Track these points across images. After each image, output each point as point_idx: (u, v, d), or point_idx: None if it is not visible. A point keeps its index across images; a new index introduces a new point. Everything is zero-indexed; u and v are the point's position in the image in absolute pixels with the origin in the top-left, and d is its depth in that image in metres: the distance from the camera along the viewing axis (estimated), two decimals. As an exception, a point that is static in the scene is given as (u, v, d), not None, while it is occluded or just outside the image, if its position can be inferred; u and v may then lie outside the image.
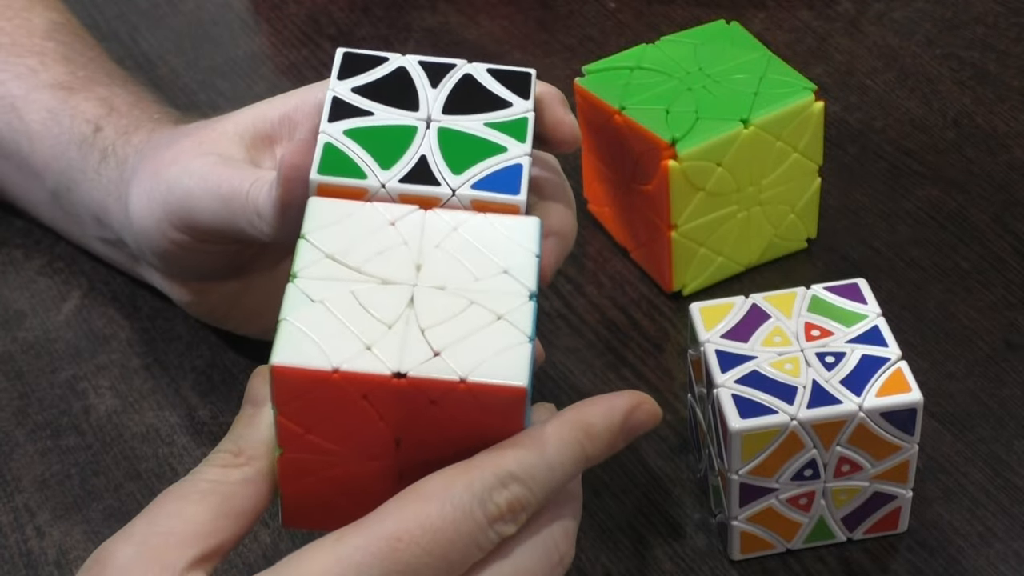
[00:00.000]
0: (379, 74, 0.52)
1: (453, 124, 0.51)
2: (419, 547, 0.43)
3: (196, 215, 0.56)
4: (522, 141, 0.50)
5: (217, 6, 0.87)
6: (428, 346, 0.44)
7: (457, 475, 0.44)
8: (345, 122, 0.51)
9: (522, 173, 0.50)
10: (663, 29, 0.76)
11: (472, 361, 0.44)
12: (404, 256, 0.47)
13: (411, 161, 0.50)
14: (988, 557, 0.55)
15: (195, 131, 0.59)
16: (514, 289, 0.46)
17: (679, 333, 0.65)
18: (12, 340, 0.67)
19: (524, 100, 0.52)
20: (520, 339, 0.45)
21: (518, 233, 0.48)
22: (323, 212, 0.48)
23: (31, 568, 0.58)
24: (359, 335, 0.45)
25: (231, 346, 0.65)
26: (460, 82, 0.52)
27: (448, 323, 0.45)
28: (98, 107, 0.65)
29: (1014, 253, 0.67)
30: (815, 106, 0.63)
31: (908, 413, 0.52)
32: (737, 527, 0.55)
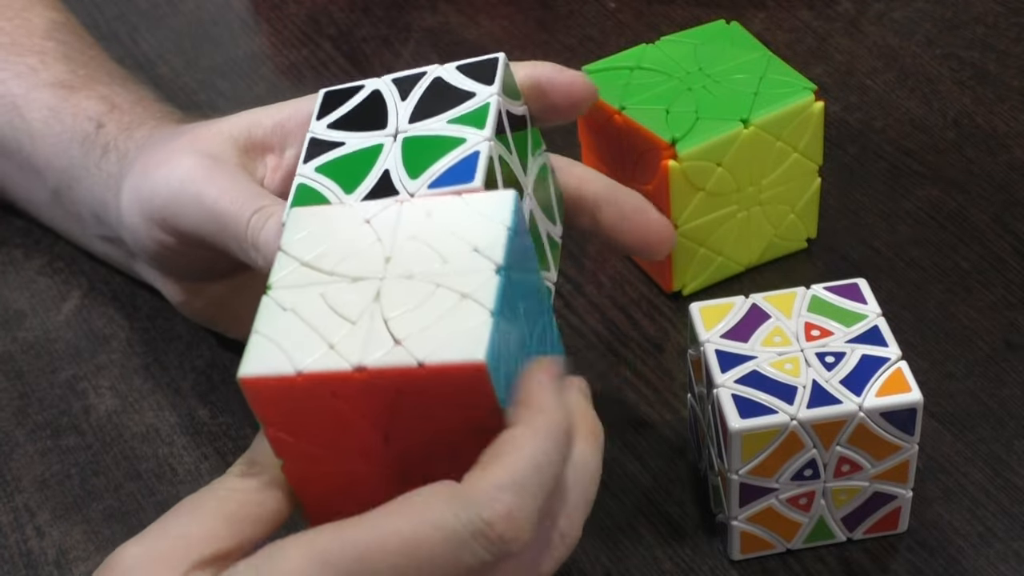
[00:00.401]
0: (354, 103, 0.54)
1: (417, 131, 0.52)
2: (390, 564, 0.42)
3: (181, 220, 0.56)
4: (481, 127, 0.50)
5: (217, 6, 0.87)
6: (390, 336, 0.44)
7: (441, 492, 0.43)
8: (318, 159, 0.52)
9: (478, 160, 0.49)
10: (663, 29, 0.76)
11: (432, 344, 0.44)
12: (376, 251, 0.47)
13: (374, 179, 0.50)
14: (988, 557, 0.55)
15: (191, 130, 0.59)
16: (481, 266, 0.46)
17: (679, 333, 0.65)
18: (12, 340, 0.67)
19: (488, 86, 0.52)
20: (482, 315, 0.44)
21: (492, 208, 0.47)
22: (302, 222, 0.48)
23: (31, 568, 0.58)
24: (324, 335, 0.45)
25: (231, 346, 0.65)
26: (429, 88, 0.53)
27: (413, 311, 0.45)
28: (100, 104, 0.65)
29: (1014, 253, 0.67)
30: (815, 106, 0.63)
31: (908, 413, 0.52)
32: (737, 527, 0.55)
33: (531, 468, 0.43)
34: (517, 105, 0.54)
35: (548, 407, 0.45)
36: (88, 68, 0.68)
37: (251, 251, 0.53)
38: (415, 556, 0.42)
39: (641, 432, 0.61)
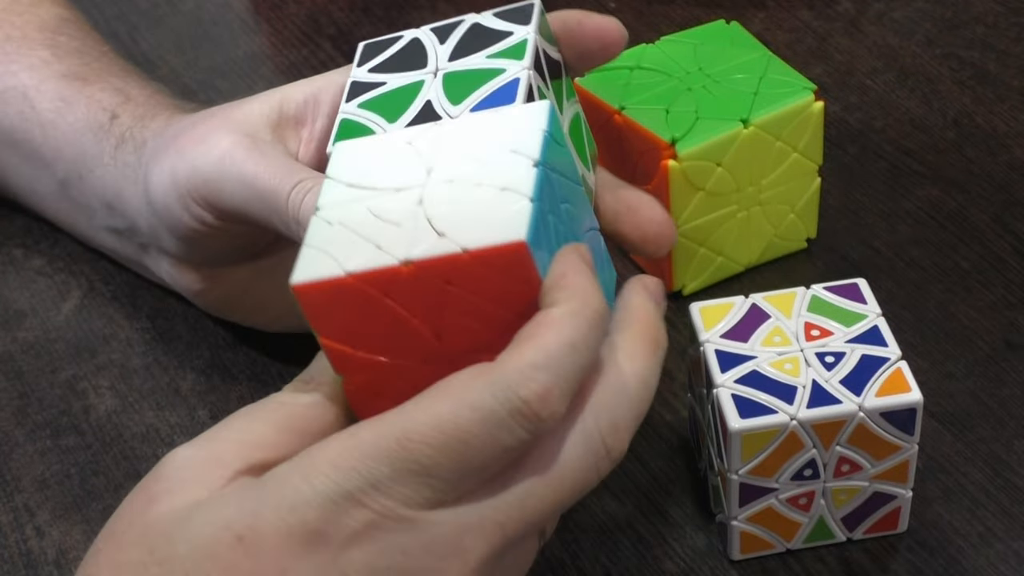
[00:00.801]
0: (394, 50, 0.55)
1: (457, 67, 0.53)
2: (430, 447, 0.42)
3: (223, 196, 0.56)
4: (520, 59, 0.52)
5: (217, 6, 0.87)
6: (433, 231, 0.45)
7: (478, 374, 0.43)
8: (360, 98, 0.54)
9: (519, 85, 0.51)
10: (663, 29, 0.76)
11: (475, 232, 0.44)
12: (417, 165, 0.48)
13: (416, 109, 0.52)
14: (988, 557, 0.55)
15: (220, 111, 0.59)
16: (519, 163, 0.46)
17: (679, 333, 0.65)
18: (12, 340, 0.67)
19: (524, 26, 0.54)
20: (521, 202, 0.45)
21: (529, 117, 0.48)
22: (346, 152, 0.49)
23: (31, 568, 0.58)
24: (371, 239, 0.45)
25: (231, 346, 0.65)
26: (467, 31, 0.55)
27: (455, 207, 0.45)
28: (114, 96, 0.65)
29: (1014, 253, 0.67)
30: (815, 106, 0.63)
31: (908, 413, 0.52)
32: (737, 527, 0.55)
33: (565, 347, 0.43)
34: (553, 50, 0.55)
35: (581, 288, 0.44)
36: (101, 62, 0.68)
37: (292, 224, 0.54)
38: (454, 437, 0.42)
39: (641, 432, 0.60)
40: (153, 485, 0.45)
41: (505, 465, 0.43)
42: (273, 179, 0.54)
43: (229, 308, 0.64)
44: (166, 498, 0.44)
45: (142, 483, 0.46)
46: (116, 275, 0.69)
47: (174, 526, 0.43)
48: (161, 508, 0.44)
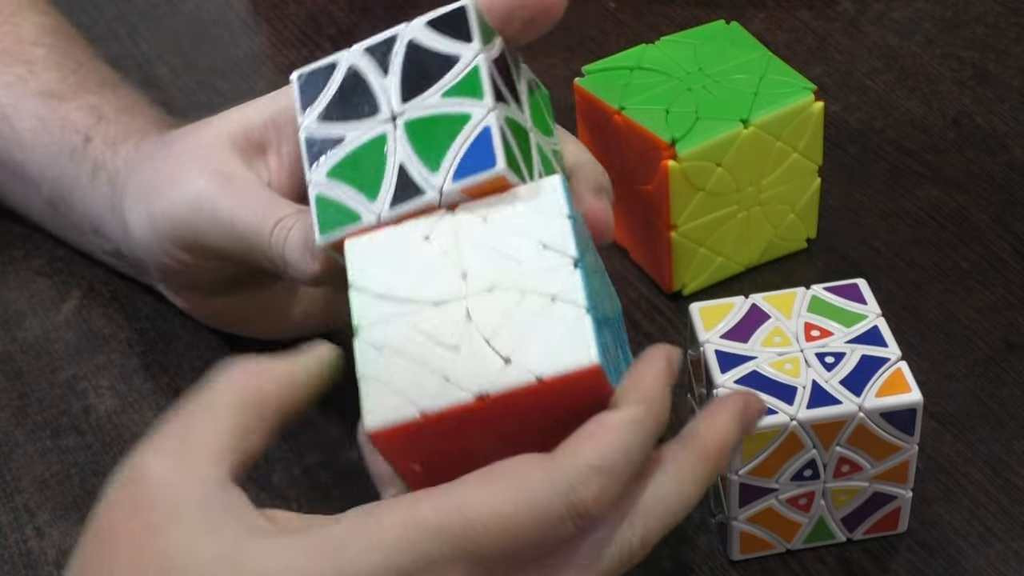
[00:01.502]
0: (334, 86, 0.51)
1: (415, 112, 0.50)
2: (488, 533, 0.43)
3: (204, 239, 0.56)
4: (480, 97, 0.48)
5: (217, 6, 0.87)
6: (497, 355, 0.45)
7: (538, 465, 0.44)
8: (324, 161, 0.50)
9: (491, 139, 0.48)
10: (663, 29, 0.76)
11: (542, 356, 0.44)
12: (447, 268, 0.47)
13: (392, 178, 0.49)
14: (988, 557, 0.55)
15: (185, 140, 0.58)
16: (557, 263, 0.46)
17: (679, 333, 0.65)
18: (12, 340, 0.67)
19: (468, 44, 0.49)
20: (578, 314, 0.45)
21: (545, 199, 0.47)
22: (361, 253, 0.48)
23: (31, 568, 0.58)
24: (433, 368, 0.45)
25: (231, 346, 0.65)
26: (407, 57, 0.50)
27: (508, 323, 0.45)
28: (87, 116, 0.65)
29: (1014, 253, 0.67)
30: (815, 106, 0.63)
31: (908, 413, 0.52)
32: (737, 527, 0.55)
33: (623, 452, 0.44)
34: (495, 47, 0.51)
35: (652, 396, 0.45)
36: (78, 74, 0.67)
37: (279, 262, 0.54)
38: (511, 526, 0.43)
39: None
40: (146, 512, 0.44)
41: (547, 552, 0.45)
42: (253, 219, 0.54)
43: (223, 324, 0.64)
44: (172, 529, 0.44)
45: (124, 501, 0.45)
46: (116, 275, 0.69)
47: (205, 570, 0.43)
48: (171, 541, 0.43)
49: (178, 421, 0.46)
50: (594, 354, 0.44)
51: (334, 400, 0.49)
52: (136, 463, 0.45)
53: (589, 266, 0.47)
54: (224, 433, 0.45)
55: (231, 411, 0.46)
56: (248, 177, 0.56)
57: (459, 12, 0.50)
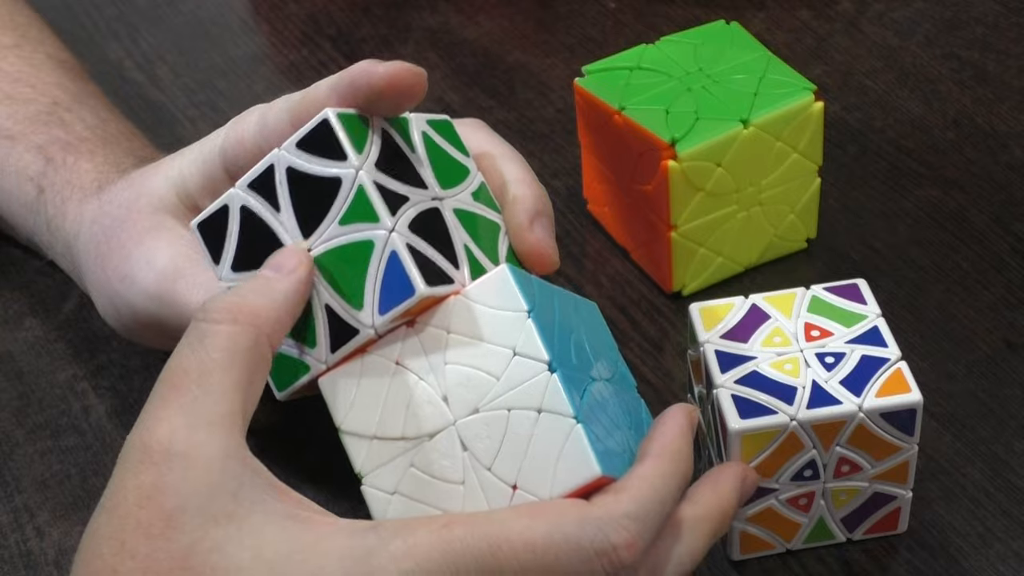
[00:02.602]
0: (235, 232, 0.51)
1: (320, 247, 0.49)
2: (518, 561, 0.43)
3: (169, 329, 0.56)
4: (375, 220, 0.48)
5: (217, 6, 0.87)
6: (502, 483, 0.46)
7: (574, 506, 0.45)
8: None
9: (401, 262, 0.47)
10: (663, 29, 0.76)
11: (546, 478, 0.45)
12: (428, 395, 0.47)
13: (324, 323, 0.49)
14: (988, 557, 0.55)
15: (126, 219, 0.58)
16: (532, 371, 0.46)
17: (679, 333, 0.65)
18: (12, 340, 0.67)
19: (343, 163, 0.48)
20: (568, 425, 0.46)
21: (498, 295, 0.47)
22: (341, 392, 0.48)
23: (31, 568, 0.58)
24: (446, 507, 0.46)
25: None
26: (291, 187, 0.49)
27: (503, 448, 0.46)
28: (36, 160, 0.64)
29: (1014, 253, 0.67)
30: (815, 106, 0.63)
31: (908, 413, 0.52)
32: (737, 527, 0.55)
33: (656, 503, 0.46)
34: (373, 147, 0.49)
35: (681, 452, 0.48)
36: (32, 105, 0.66)
37: None
38: (542, 559, 0.44)
39: (641, 432, 0.61)
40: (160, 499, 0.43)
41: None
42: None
43: None
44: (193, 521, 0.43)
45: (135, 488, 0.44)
46: (116, 275, 0.69)
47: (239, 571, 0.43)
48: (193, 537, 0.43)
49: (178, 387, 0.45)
50: (596, 467, 0.45)
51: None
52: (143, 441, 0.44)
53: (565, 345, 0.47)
54: (230, 391, 0.45)
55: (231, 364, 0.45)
56: (196, 256, 0.56)
57: (324, 127, 0.48)
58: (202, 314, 0.47)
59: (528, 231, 0.52)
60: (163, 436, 0.44)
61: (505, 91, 0.78)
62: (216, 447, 0.44)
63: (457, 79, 0.79)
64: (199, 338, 0.46)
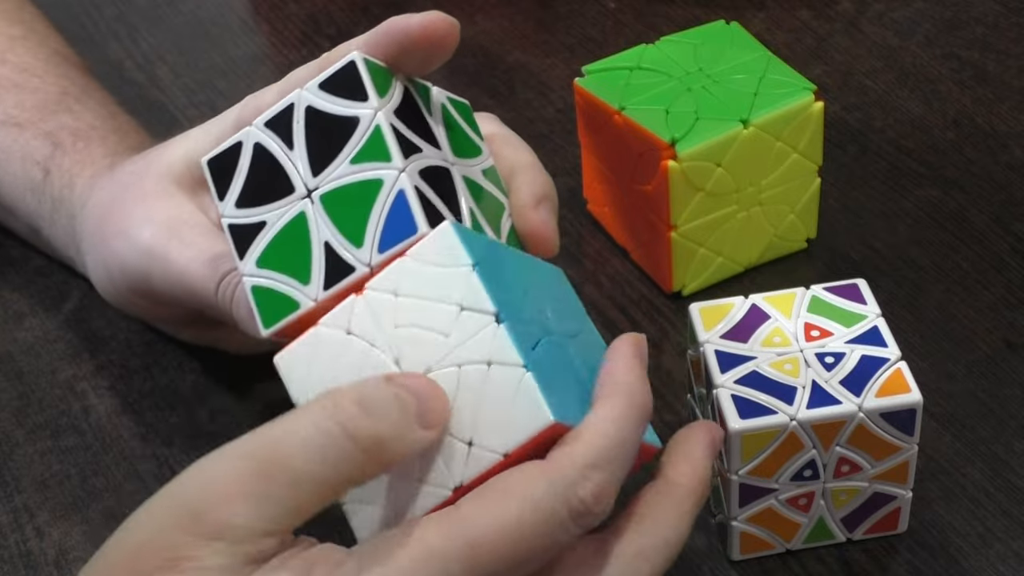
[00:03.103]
0: (244, 168, 0.51)
1: (328, 184, 0.49)
2: (496, 550, 0.43)
3: (157, 291, 0.57)
4: (387, 159, 0.48)
5: (217, 6, 0.87)
6: (459, 441, 0.45)
7: (538, 474, 0.44)
8: (252, 250, 0.50)
9: (407, 201, 0.47)
10: (663, 29, 0.76)
11: (499, 430, 0.45)
12: (380, 362, 0.46)
13: (320, 259, 0.49)
14: (988, 557, 0.55)
15: (128, 181, 0.58)
16: (479, 324, 0.45)
17: (679, 333, 0.65)
18: (12, 340, 0.67)
19: (364, 103, 0.49)
20: (518, 375, 0.45)
21: (441, 252, 0.46)
22: (294, 367, 0.48)
23: (31, 568, 0.58)
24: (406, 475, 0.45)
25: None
26: (308, 125, 0.50)
27: (456, 405, 0.45)
28: (44, 145, 0.65)
29: (1014, 253, 0.67)
30: (815, 106, 0.63)
31: (908, 413, 0.52)
32: (737, 527, 0.55)
33: (616, 446, 0.45)
34: (394, 94, 0.50)
35: (633, 386, 0.46)
36: (38, 94, 0.67)
37: (226, 315, 0.55)
38: (518, 538, 0.43)
39: (641, 432, 0.61)
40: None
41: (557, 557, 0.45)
42: (199, 272, 0.55)
43: (205, 342, 0.65)
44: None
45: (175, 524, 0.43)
46: (116, 275, 0.69)
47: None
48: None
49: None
50: (547, 413, 0.44)
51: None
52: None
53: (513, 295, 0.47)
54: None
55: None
56: (194, 221, 0.56)
57: (350, 68, 0.49)
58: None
59: (532, 211, 0.53)
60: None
61: (505, 91, 0.78)
62: None
63: (457, 79, 0.79)
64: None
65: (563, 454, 0.44)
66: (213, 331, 0.63)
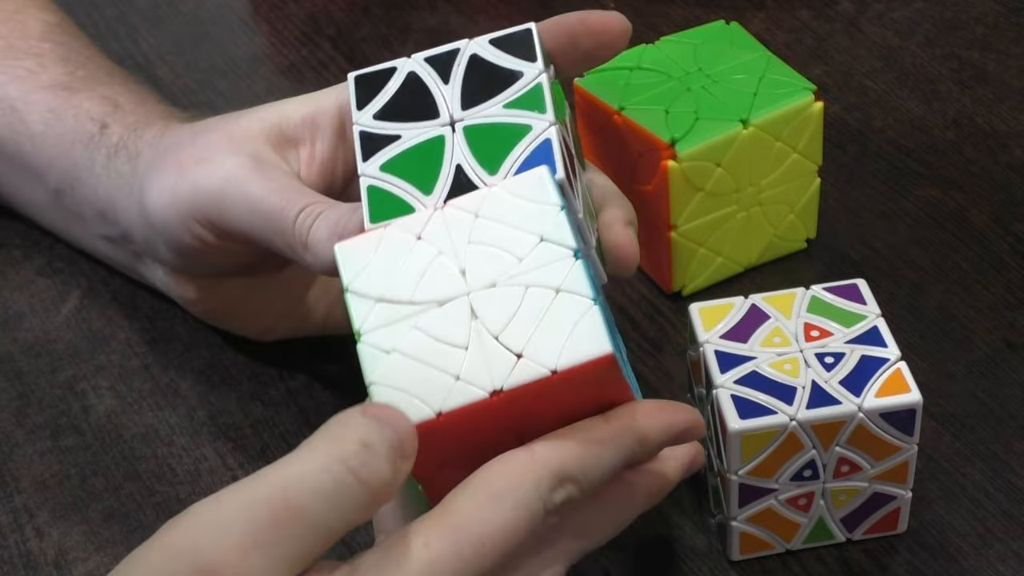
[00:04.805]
0: (392, 89, 0.52)
1: (475, 119, 0.50)
2: (499, 551, 0.44)
3: (226, 217, 0.56)
4: (543, 111, 0.50)
5: (217, 6, 0.87)
6: (508, 352, 0.45)
7: (523, 473, 0.44)
8: (378, 156, 0.50)
9: (552, 147, 0.49)
10: (663, 29, 0.76)
11: (553, 349, 0.44)
12: (445, 267, 0.47)
13: (449, 176, 0.49)
14: (988, 557, 0.55)
15: (219, 126, 0.58)
16: (557, 255, 0.46)
17: (679, 333, 0.65)
18: (12, 340, 0.67)
19: (532, 63, 0.51)
20: (585, 305, 0.45)
21: (533, 190, 0.47)
22: (353, 256, 0.48)
23: (30, 568, 0.58)
24: (444, 368, 0.45)
25: (230, 346, 0.65)
26: (468, 68, 0.51)
27: (515, 319, 0.45)
28: (102, 105, 0.65)
29: (1014, 253, 0.67)
30: (814, 106, 0.63)
31: (907, 413, 0.52)
32: (736, 528, 0.55)
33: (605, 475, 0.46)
34: (551, 70, 0.53)
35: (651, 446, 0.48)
36: (87, 69, 0.68)
37: (299, 248, 0.53)
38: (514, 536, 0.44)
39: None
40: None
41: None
42: (279, 202, 0.54)
43: (223, 317, 0.64)
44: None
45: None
46: (116, 275, 0.69)
47: None
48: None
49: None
50: (606, 344, 0.44)
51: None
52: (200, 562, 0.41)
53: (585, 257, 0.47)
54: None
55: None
56: (278, 164, 0.56)
57: (525, 34, 0.52)
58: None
59: (623, 227, 0.54)
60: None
61: (505, 91, 0.78)
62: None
63: (457, 79, 0.79)
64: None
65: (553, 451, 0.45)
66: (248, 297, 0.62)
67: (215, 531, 0.41)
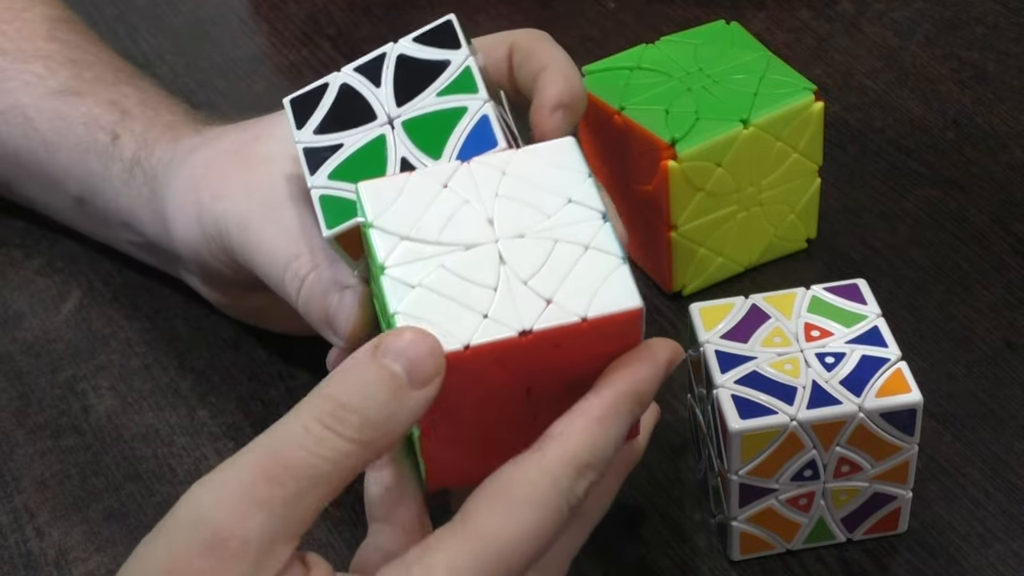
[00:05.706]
0: (328, 103, 0.52)
1: (412, 112, 0.51)
2: (525, 557, 0.44)
3: (238, 255, 0.57)
4: (475, 91, 0.51)
5: (217, 6, 0.87)
6: (538, 296, 0.45)
7: (540, 474, 0.44)
8: (325, 166, 0.51)
9: (490, 123, 0.50)
10: (663, 29, 0.76)
11: (583, 298, 0.45)
12: (472, 214, 0.47)
13: (396, 171, 0.50)
14: (988, 557, 0.55)
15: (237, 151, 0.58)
16: (586, 216, 0.46)
17: (679, 333, 0.65)
18: (12, 340, 0.67)
19: (457, 50, 0.52)
20: (615, 263, 0.45)
21: (561, 156, 0.48)
22: (377, 194, 0.47)
23: (31, 568, 0.58)
24: (471, 306, 0.45)
25: (231, 346, 0.65)
26: (398, 68, 0.52)
27: (544, 268, 0.45)
28: (110, 112, 0.65)
29: (1014, 253, 0.67)
30: (815, 106, 0.63)
31: (908, 413, 0.52)
32: (737, 527, 0.55)
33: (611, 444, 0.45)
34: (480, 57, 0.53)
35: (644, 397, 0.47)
36: (94, 69, 0.67)
37: (291, 300, 0.55)
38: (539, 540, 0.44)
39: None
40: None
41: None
42: (272, 255, 0.55)
43: (256, 319, 0.65)
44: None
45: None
46: (116, 275, 0.69)
47: None
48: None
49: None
50: (638, 299, 0.45)
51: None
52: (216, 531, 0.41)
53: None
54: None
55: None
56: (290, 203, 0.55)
57: (446, 25, 0.53)
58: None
59: (548, 115, 0.53)
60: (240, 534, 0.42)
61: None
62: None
63: (457, 79, 0.79)
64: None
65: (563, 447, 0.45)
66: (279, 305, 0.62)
67: (218, 495, 0.42)
